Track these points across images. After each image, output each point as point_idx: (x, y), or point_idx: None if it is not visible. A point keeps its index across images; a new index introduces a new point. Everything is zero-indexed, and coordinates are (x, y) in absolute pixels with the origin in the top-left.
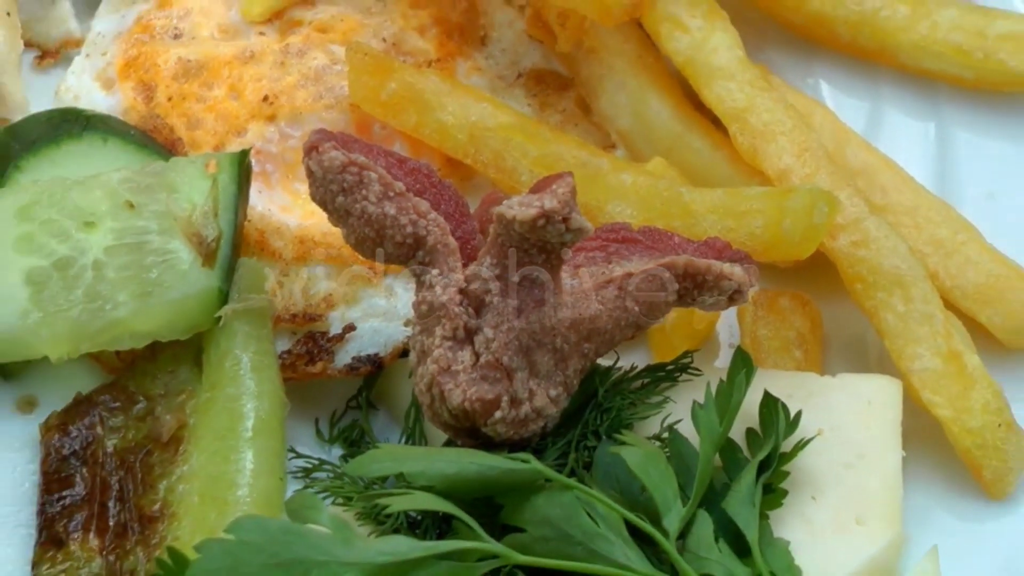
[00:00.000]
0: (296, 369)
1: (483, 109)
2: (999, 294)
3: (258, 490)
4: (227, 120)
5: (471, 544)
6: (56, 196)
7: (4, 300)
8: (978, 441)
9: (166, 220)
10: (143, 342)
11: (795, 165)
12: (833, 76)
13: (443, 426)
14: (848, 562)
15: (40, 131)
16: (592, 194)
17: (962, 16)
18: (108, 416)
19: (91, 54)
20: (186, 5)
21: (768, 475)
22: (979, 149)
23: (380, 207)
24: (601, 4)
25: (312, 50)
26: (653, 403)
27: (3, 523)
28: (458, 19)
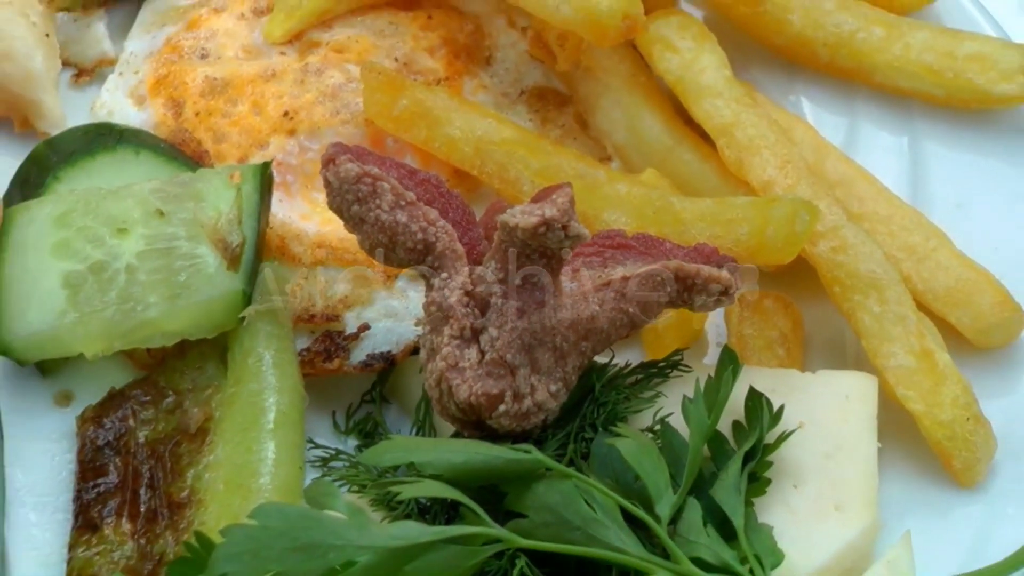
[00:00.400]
0: (314, 366)
1: (488, 124)
2: (967, 297)
3: (279, 478)
4: (250, 134)
5: (477, 529)
6: (91, 205)
7: (43, 301)
8: (948, 433)
9: (194, 227)
10: (172, 340)
11: (778, 176)
12: (813, 94)
13: (451, 419)
14: (827, 546)
15: (77, 144)
16: (589, 203)
17: (933, 38)
18: (140, 409)
19: (124, 72)
20: (212, 27)
21: (753, 465)
22: (949, 162)
23: (392, 215)
24: (598, 27)
25: (329, 69)
26: (646, 398)
27: (42, 509)
28: (465, 40)
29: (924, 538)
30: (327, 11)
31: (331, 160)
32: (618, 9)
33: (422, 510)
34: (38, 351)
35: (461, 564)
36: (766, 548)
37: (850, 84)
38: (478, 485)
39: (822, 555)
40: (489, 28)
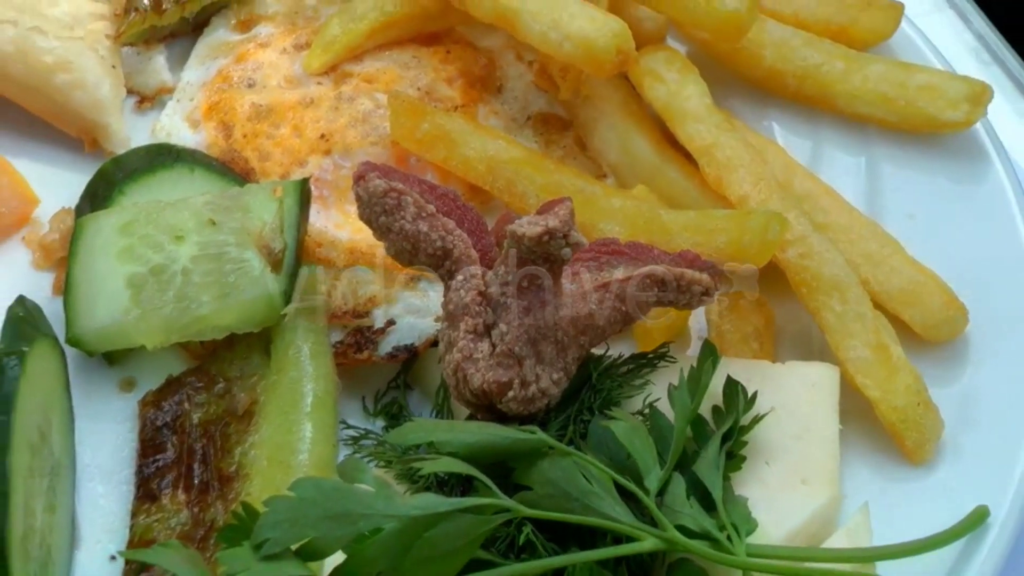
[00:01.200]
0: (346, 356)
1: (499, 145)
2: (918, 297)
3: (315, 455)
4: (291, 154)
5: (488, 500)
6: (152, 215)
7: (109, 300)
8: (901, 417)
9: (241, 235)
10: (222, 334)
11: (752, 192)
12: (783, 119)
13: (466, 403)
14: (795, 515)
15: (139, 162)
16: (587, 215)
17: (888, 70)
18: (194, 394)
19: (181, 99)
20: (258, 59)
21: (730, 444)
22: (901, 179)
23: (415, 225)
24: (595, 60)
25: (360, 97)
26: (636, 385)
27: (108, 482)
28: (479, 72)
29: (880, 509)
30: (358, 46)
31: (361, 177)
32: (613, 45)
33: (440, 483)
34: (105, 343)
35: (474, 531)
36: (742, 517)
37: (815, 111)
38: (489, 462)
39: (791, 523)
40: (500, 61)
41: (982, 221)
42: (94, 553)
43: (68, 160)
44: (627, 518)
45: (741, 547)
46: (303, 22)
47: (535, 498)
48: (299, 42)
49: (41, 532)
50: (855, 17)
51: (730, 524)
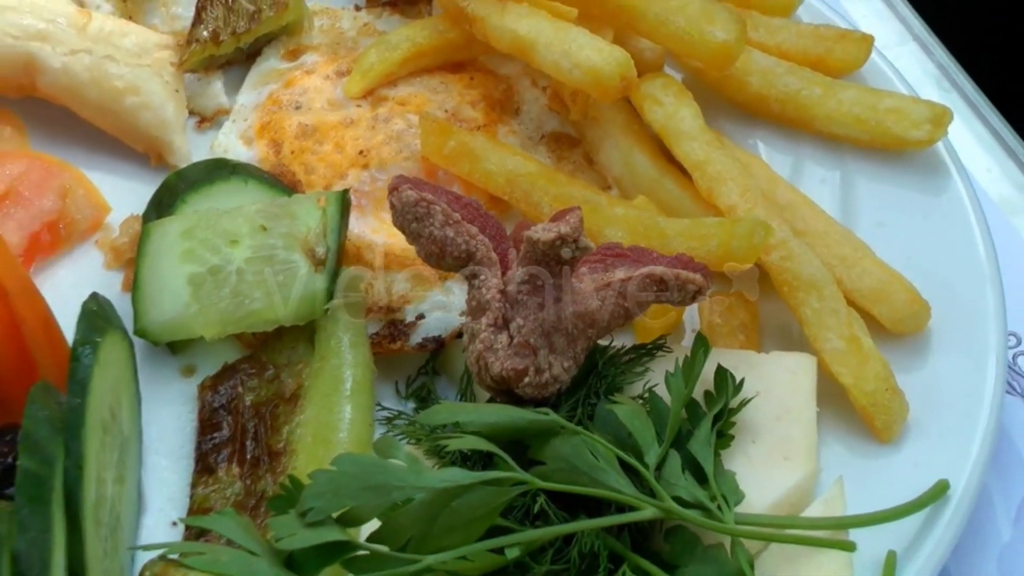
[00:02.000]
0: (381, 346)
1: (516, 161)
2: (886, 295)
3: (354, 434)
4: (333, 168)
5: (506, 474)
6: (210, 222)
7: (173, 296)
8: (871, 400)
9: (289, 239)
10: (272, 327)
11: (740, 202)
12: (767, 138)
13: (487, 388)
14: (777, 487)
15: (199, 175)
16: (594, 222)
17: (860, 95)
18: (246, 379)
19: (236, 120)
20: (304, 85)
21: (720, 424)
22: (872, 190)
23: (442, 231)
24: (601, 86)
25: (394, 118)
26: (637, 372)
27: (171, 456)
28: (499, 96)
29: (853, 482)
30: (392, 73)
31: (395, 188)
32: (617, 73)
33: (464, 459)
34: (168, 334)
35: (494, 501)
36: (730, 489)
37: (795, 131)
38: (507, 440)
39: (773, 495)
40: (517, 87)
41: (943, 228)
42: (158, 519)
43: (137, 173)
44: (629, 490)
45: (730, 516)
46: (344, 52)
47: (548, 472)
48: (340, 69)
49: (111, 500)
50: (831, 48)
51: (720, 495)
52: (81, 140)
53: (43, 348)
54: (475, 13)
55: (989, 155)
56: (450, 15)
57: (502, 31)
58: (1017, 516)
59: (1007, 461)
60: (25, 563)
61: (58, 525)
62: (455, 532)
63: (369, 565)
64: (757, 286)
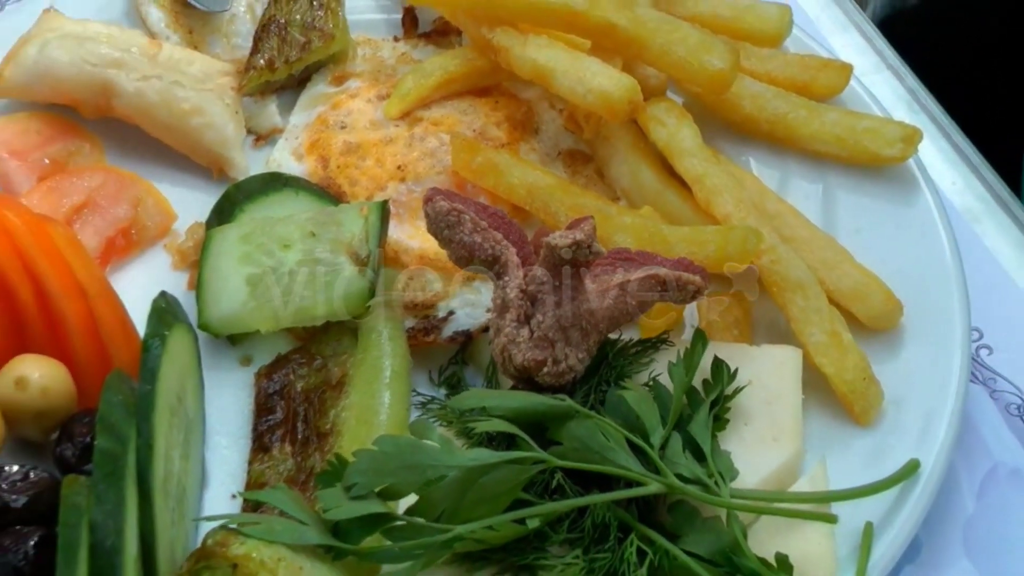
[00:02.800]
0: (417, 339)
1: (536, 175)
2: (863, 295)
3: (392, 417)
4: (374, 181)
5: (527, 453)
6: (266, 228)
7: (232, 294)
8: (851, 388)
9: (335, 244)
10: (320, 321)
11: (734, 212)
12: (758, 155)
13: (510, 376)
14: (767, 465)
15: (256, 186)
16: (605, 230)
17: (840, 117)
18: (297, 368)
19: (288, 138)
20: (349, 107)
21: (716, 409)
22: (850, 201)
23: (471, 237)
24: (611, 108)
25: (429, 136)
26: (643, 363)
27: (231, 436)
28: (521, 117)
29: (834, 461)
30: (427, 97)
31: (429, 199)
32: (625, 97)
33: (490, 440)
34: (228, 328)
35: (517, 478)
36: (726, 467)
37: (783, 149)
38: (528, 422)
39: (764, 472)
40: (537, 109)
41: (914, 235)
42: (219, 493)
43: (200, 185)
44: (636, 467)
45: (726, 490)
46: (384, 78)
47: (564, 451)
48: (380, 93)
49: (178, 475)
50: (815, 75)
51: (717, 472)
52: (151, 155)
53: (118, 340)
54: (500, 44)
55: (954, 170)
56: (477, 46)
57: (524, 60)
58: (980, 491)
59: (971, 442)
60: (102, 532)
61: (131, 498)
62: (482, 505)
63: (406, 534)
64: (757, 286)
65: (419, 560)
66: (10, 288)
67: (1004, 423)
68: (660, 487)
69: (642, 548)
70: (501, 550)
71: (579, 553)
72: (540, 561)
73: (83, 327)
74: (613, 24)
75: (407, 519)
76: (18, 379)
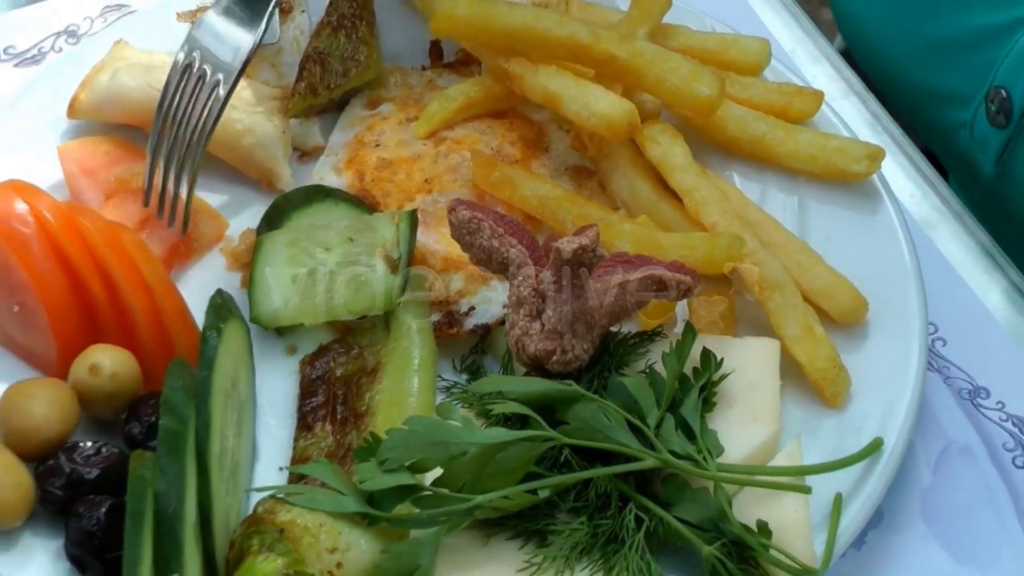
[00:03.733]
0: (441, 331)
1: (546, 187)
2: (833, 293)
3: (421, 400)
4: (404, 192)
5: (539, 432)
6: (309, 234)
7: (280, 292)
8: (822, 375)
9: (370, 248)
10: (357, 316)
11: (720, 220)
12: (740, 170)
13: (524, 364)
14: (749, 443)
15: (300, 197)
16: (607, 236)
17: (812, 138)
18: (337, 356)
19: (329, 155)
20: (382, 128)
21: (705, 394)
22: (822, 211)
23: (489, 242)
24: (612, 129)
25: (452, 154)
26: (640, 353)
27: (278, 416)
28: (533, 137)
29: (808, 439)
30: (450, 120)
31: (453, 209)
32: (625, 120)
33: (506, 420)
34: (276, 321)
35: (530, 453)
36: (713, 444)
37: (762, 165)
38: (539, 405)
39: (746, 449)
40: (547, 130)
41: (877, 241)
42: (267, 466)
43: (252, 195)
44: (634, 444)
45: (712, 465)
46: (412, 102)
47: (571, 430)
48: (410, 116)
49: (231, 451)
50: (790, 101)
51: (705, 449)
52: (209, 169)
53: (179, 332)
54: (514, 72)
55: (913, 184)
56: (495, 74)
57: (535, 86)
58: (936, 465)
59: (927, 422)
60: (165, 501)
61: (190, 471)
62: (499, 477)
63: (433, 503)
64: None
65: (443, 526)
66: (85, 286)
67: (957, 406)
68: (655, 462)
69: (639, 515)
70: (516, 517)
71: (584, 520)
72: (550, 527)
73: (149, 320)
74: (614, 56)
75: (433, 490)
76: (92, 366)
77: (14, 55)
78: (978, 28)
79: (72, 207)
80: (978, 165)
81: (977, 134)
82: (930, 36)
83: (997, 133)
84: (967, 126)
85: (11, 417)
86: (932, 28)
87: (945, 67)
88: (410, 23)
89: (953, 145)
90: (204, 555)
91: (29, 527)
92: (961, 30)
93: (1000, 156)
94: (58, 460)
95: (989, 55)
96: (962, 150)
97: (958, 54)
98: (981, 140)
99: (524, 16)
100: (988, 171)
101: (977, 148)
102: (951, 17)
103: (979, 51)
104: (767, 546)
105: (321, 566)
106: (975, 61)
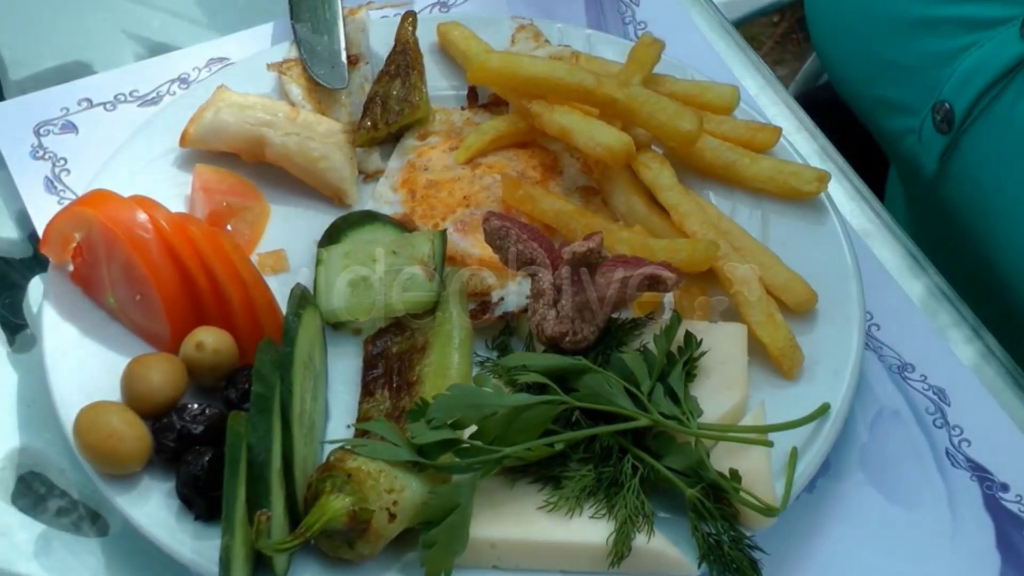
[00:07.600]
0: (476, 317)
1: (560, 203)
2: (790, 288)
3: (460, 372)
4: (447, 207)
5: (555, 397)
6: (361, 248)
7: (338, 294)
8: (781, 353)
9: (411, 260)
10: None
11: (699, 230)
12: (715, 190)
13: (543, 344)
14: (722, 407)
15: (355, 219)
16: (609, 241)
17: (773, 164)
18: (393, 337)
19: (388, 177)
20: (429, 156)
21: (687, 367)
22: (780, 223)
23: (516, 246)
24: (613, 157)
25: (486, 176)
26: (635, 335)
27: (346, 384)
28: (550, 163)
29: (770, 404)
30: (484, 149)
31: (486, 220)
32: (623, 150)
33: (528, 388)
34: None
35: (547, 414)
36: (694, 407)
37: (732, 186)
38: (555, 376)
39: (720, 411)
40: (561, 157)
41: (824, 246)
42: (338, 424)
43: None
44: (631, 407)
45: (694, 424)
46: (454, 135)
47: (581, 396)
48: (452, 146)
49: (309, 412)
50: (755, 135)
51: (688, 411)
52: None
53: (267, 317)
54: (535, 111)
55: (853, 202)
56: (520, 113)
57: (552, 123)
58: (871, 425)
59: (865, 392)
60: (255, 451)
61: (276, 427)
62: (523, 433)
63: (470, 453)
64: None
65: (478, 472)
66: (193, 280)
67: (888, 379)
68: (648, 421)
69: (635, 464)
70: (536, 465)
71: (591, 468)
72: (563, 473)
73: (243, 307)
74: (614, 98)
75: (470, 442)
76: (198, 343)
77: (137, 97)
78: (927, 53)
79: (184, 217)
80: (922, 164)
81: (924, 139)
82: (887, 59)
83: (940, 138)
84: (915, 132)
85: (133, 384)
86: (889, 52)
87: (899, 84)
88: (451, 73)
89: (902, 147)
90: (287, 495)
91: (147, 472)
92: (913, 55)
93: (941, 157)
94: (170, 418)
95: (936, 75)
96: (910, 152)
97: (910, 74)
98: (927, 144)
99: (543, 67)
100: (931, 169)
101: (923, 150)
102: (905, 44)
103: (928, 72)
104: (738, 489)
105: (381, 503)
106: (924, 80)
